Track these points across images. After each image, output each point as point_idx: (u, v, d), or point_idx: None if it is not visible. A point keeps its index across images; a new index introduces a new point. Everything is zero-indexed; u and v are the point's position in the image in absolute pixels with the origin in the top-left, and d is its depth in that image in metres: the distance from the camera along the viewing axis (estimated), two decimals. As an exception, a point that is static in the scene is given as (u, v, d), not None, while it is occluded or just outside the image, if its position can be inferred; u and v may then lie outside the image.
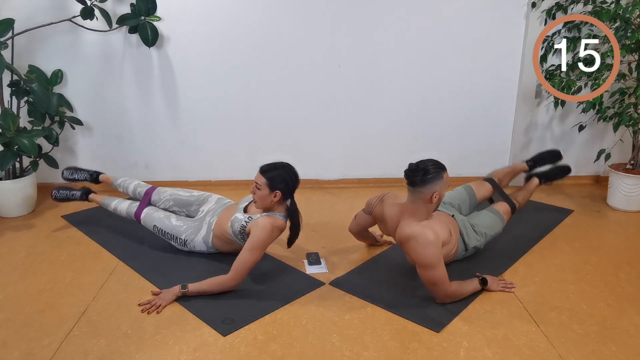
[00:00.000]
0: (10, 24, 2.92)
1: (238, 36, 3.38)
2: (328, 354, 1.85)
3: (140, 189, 2.84)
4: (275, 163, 2.31)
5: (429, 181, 2.08)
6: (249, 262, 2.17)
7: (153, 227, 2.60)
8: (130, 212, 2.71)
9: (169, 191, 2.75)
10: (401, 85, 3.55)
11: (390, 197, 2.37)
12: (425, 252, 2.03)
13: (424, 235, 2.04)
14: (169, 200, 2.72)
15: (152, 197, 2.75)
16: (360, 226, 2.60)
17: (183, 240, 2.53)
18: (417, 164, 2.12)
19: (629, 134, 3.35)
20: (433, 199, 2.10)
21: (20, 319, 2.06)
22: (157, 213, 2.63)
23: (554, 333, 1.96)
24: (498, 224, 2.55)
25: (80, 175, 3.11)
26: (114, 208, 2.82)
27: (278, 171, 2.26)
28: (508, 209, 2.61)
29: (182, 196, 2.71)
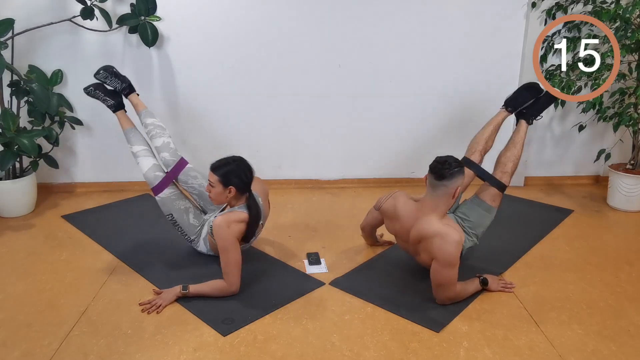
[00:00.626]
0: (10, 24, 2.92)
1: (238, 36, 3.38)
2: (328, 354, 1.85)
3: (167, 154, 2.54)
4: (227, 158, 2.26)
5: (456, 174, 2.08)
6: (230, 263, 2.14)
7: (168, 214, 2.46)
8: (149, 178, 2.46)
9: (199, 180, 2.56)
10: (401, 85, 3.55)
11: (402, 195, 2.35)
12: (451, 250, 2.01)
13: (450, 234, 2.03)
14: (194, 188, 2.56)
15: (180, 176, 2.54)
16: (370, 225, 2.59)
17: (191, 239, 2.52)
18: (443, 158, 2.11)
19: (629, 134, 3.35)
20: (456, 193, 2.11)
21: (20, 319, 2.06)
22: (179, 202, 2.46)
23: (554, 333, 1.96)
24: (486, 217, 2.41)
25: (114, 82, 2.73)
26: (135, 152, 2.55)
27: (230, 167, 2.22)
28: (496, 193, 2.40)
29: None
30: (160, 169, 2.52)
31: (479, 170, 2.51)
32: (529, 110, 2.66)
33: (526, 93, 2.66)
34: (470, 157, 2.54)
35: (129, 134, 2.64)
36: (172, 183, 2.51)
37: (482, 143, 2.58)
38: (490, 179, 2.46)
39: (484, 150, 2.58)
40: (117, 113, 2.73)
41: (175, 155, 2.57)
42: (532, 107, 2.66)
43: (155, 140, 2.61)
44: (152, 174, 2.48)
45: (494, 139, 2.64)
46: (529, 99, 2.65)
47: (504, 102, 2.70)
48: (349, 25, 3.40)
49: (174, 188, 2.50)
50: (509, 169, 2.49)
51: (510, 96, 2.69)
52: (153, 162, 2.52)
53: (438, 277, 2.07)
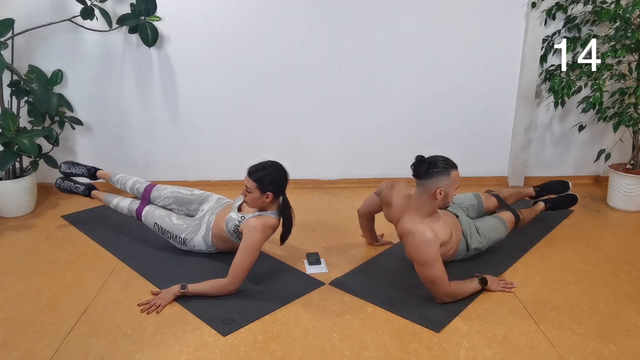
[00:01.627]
0: (10, 24, 2.92)
1: (238, 36, 3.38)
2: (328, 354, 1.85)
3: (139, 185, 2.80)
4: (263, 163, 2.28)
5: (433, 175, 2.09)
6: (245, 264, 2.16)
7: (154, 225, 2.60)
8: (131, 210, 2.71)
9: (169, 189, 2.72)
10: (401, 85, 3.55)
11: (401, 186, 2.38)
12: (422, 249, 2.04)
13: (421, 233, 2.04)
14: (169, 197, 2.69)
15: (152, 194, 2.72)
16: (368, 208, 2.60)
17: (182, 239, 2.53)
18: (425, 157, 2.13)
19: (629, 134, 3.35)
20: (437, 194, 2.10)
21: (20, 319, 2.06)
22: (158, 211, 2.62)
23: (554, 333, 1.96)
24: (501, 229, 2.56)
25: (78, 169, 3.07)
26: (115, 205, 2.81)
27: (266, 171, 2.23)
28: (512, 218, 2.62)
29: (182, 194, 2.69)
30: (135, 202, 2.74)
31: (501, 201, 2.77)
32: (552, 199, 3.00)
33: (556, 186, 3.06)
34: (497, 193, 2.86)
35: (107, 198, 2.89)
36: (148, 203, 2.71)
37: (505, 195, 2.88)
38: (510, 209, 2.70)
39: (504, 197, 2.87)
40: (92, 194, 2.98)
41: (144, 182, 2.82)
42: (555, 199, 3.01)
43: (127, 184, 2.87)
44: (132, 207, 2.72)
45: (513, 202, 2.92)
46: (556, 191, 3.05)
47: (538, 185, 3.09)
48: (349, 26, 3.40)
49: (151, 205, 2.70)
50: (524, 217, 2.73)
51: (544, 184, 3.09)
52: (130, 200, 2.78)
53: (421, 275, 2.10)
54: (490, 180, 3.77)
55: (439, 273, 2.05)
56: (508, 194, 2.89)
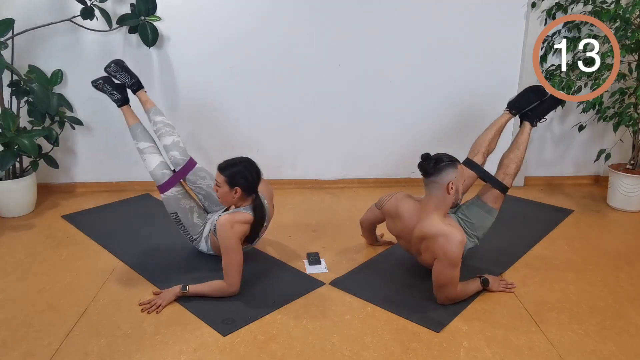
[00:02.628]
0: (10, 24, 2.92)
1: (238, 36, 3.38)
2: (328, 354, 1.85)
3: (176, 153, 2.51)
4: (235, 159, 2.26)
5: (442, 169, 2.09)
6: (232, 264, 2.14)
7: (172, 213, 2.44)
8: (156, 176, 2.44)
9: (207, 180, 2.54)
10: (401, 85, 3.55)
11: (404, 195, 2.35)
12: (454, 250, 2.01)
13: (454, 234, 2.03)
14: (202, 189, 2.54)
15: (189, 176, 2.52)
16: (369, 221, 2.60)
17: (193, 238, 2.52)
18: (429, 154, 2.12)
19: (629, 134, 3.35)
20: (449, 189, 2.10)
21: (20, 319, 2.06)
22: (184, 201, 2.45)
23: (554, 333, 1.96)
24: (487, 219, 2.40)
25: (123, 77, 2.72)
26: (140, 148, 2.53)
27: (237, 167, 2.21)
28: (497, 194, 2.39)
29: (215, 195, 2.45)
30: (167, 167, 2.50)
31: (481, 171, 2.50)
32: (533, 112, 2.61)
33: (531, 95, 2.62)
34: (473, 158, 2.54)
35: (135, 130, 2.60)
36: (179, 182, 2.49)
37: (485, 145, 2.56)
38: (492, 180, 2.43)
39: (487, 152, 2.58)
40: (123, 108, 2.70)
41: (185, 154, 2.54)
42: (536, 109, 2.61)
43: (164, 138, 2.57)
44: (159, 172, 2.46)
45: (497, 141, 2.62)
46: (533, 101, 2.61)
47: (507, 104, 2.67)
48: (350, 26, 3.40)
49: (180, 187, 2.49)
50: (512, 170, 2.47)
51: (514, 98, 2.66)
52: (160, 160, 2.51)
53: (440, 277, 2.07)
54: (490, 180, 3.77)
55: (457, 276, 2.06)
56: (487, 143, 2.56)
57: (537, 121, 2.61)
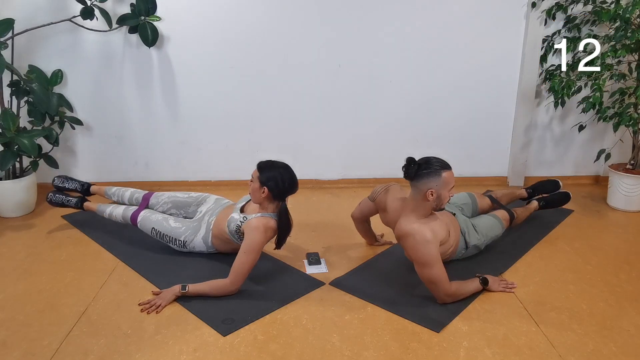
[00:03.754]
0: (10, 24, 2.92)
1: (238, 36, 3.38)
2: (328, 354, 1.85)
3: (138, 194, 2.86)
4: (275, 162, 2.31)
5: (423, 176, 2.09)
6: (247, 264, 2.16)
7: (151, 230, 2.59)
8: (126, 216, 2.69)
9: (166, 194, 2.76)
10: (401, 85, 3.55)
11: (395, 189, 2.38)
12: (422, 250, 2.04)
13: (421, 234, 2.04)
14: (167, 203, 2.72)
15: (150, 201, 2.76)
16: (362, 213, 2.60)
17: (182, 241, 2.53)
18: (416, 158, 2.13)
19: (629, 134, 3.35)
20: (428, 195, 2.09)
21: (20, 319, 2.06)
22: (155, 215, 2.62)
23: (554, 333, 1.96)
24: (498, 227, 2.58)
25: (71, 184, 3.06)
26: (109, 214, 2.78)
27: (273, 170, 2.26)
28: (507, 217, 2.67)
29: (179, 198, 2.72)
30: (130, 208, 2.73)
31: (495, 201, 2.81)
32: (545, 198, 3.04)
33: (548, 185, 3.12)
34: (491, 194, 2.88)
35: (100, 208, 2.86)
36: (145, 209, 2.70)
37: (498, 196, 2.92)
38: (504, 207, 2.74)
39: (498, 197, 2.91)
40: (85, 205, 2.92)
41: (142, 192, 2.86)
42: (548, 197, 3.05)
43: (124, 195, 2.91)
44: (127, 212, 2.70)
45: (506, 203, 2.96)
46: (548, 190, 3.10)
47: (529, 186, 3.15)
48: (349, 26, 3.40)
49: (147, 210, 2.68)
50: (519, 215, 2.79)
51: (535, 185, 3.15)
52: (124, 207, 2.77)
53: (422, 275, 2.09)
54: (490, 180, 3.77)
55: (439, 273, 2.05)
56: (501, 195, 2.94)
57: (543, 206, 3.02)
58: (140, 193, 2.85)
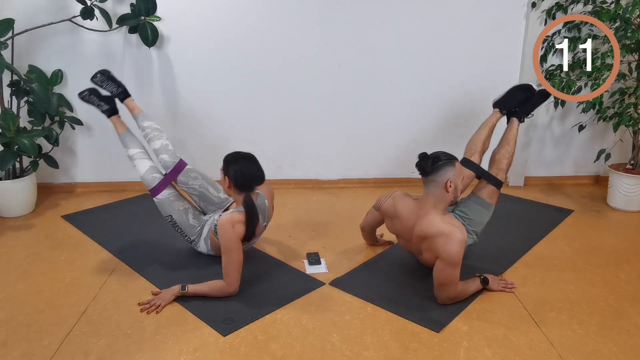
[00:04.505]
0: (10, 24, 2.92)
1: (238, 36, 3.38)
2: (328, 354, 1.85)
3: (166, 156, 2.52)
4: (239, 152, 2.28)
5: (440, 167, 2.09)
6: (232, 263, 2.14)
7: (167, 215, 2.46)
8: (147, 180, 2.46)
9: (199, 180, 2.53)
10: (401, 85, 3.55)
11: (401, 194, 2.36)
12: (455, 249, 2.01)
13: (455, 233, 2.03)
14: (195, 189, 2.53)
15: (180, 177, 2.50)
16: (370, 225, 2.60)
17: (191, 239, 2.52)
18: (426, 153, 2.13)
19: (629, 134, 3.35)
20: (448, 187, 2.10)
21: (20, 319, 2.06)
22: (178, 203, 2.45)
23: (554, 333, 1.96)
24: (485, 214, 2.41)
25: (110, 86, 2.74)
26: (131, 155, 2.54)
27: (236, 161, 2.24)
28: (492, 190, 2.44)
29: (210, 194, 2.54)
30: (157, 171, 2.51)
31: (477, 169, 2.53)
32: (521, 109, 2.70)
33: (519, 94, 2.69)
34: (470, 157, 2.56)
35: (125, 138, 2.63)
36: (171, 185, 2.49)
37: (480, 144, 2.61)
38: (487, 176, 2.49)
39: (482, 151, 2.62)
40: (112, 118, 2.73)
41: (174, 156, 2.55)
42: (524, 105, 2.70)
43: (153, 142, 2.58)
44: (149, 176, 2.47)
45: (490, 140, 2.68)
46: (521, 99, 2.69)
47: (493, 103, 2.74)
48: (349, 26, 3.40)
49: (173, 189, 2.49)
50: (504, 165, 2.53)
51: (501, 98, 2.72)
52: (150, 164, 2.52)
53: (441, 276, 2.07)
54: (490, 180, 3.77)
55: (457, 275, 2.05)
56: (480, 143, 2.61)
57: (524, 117, 2.70)
58: (170, 158, 2.51)
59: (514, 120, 2.68)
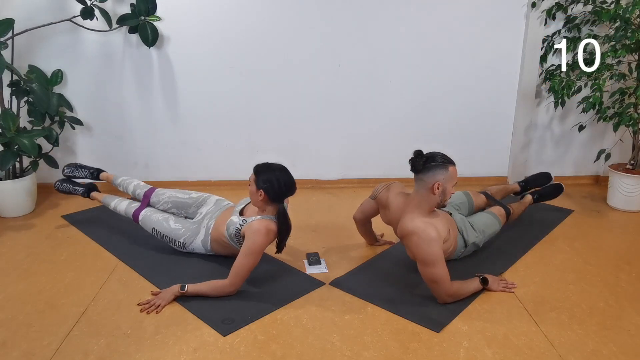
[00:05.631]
0: (10, 24, 2.92)
1: (238, 36, 3.38)
2: (328, 354, 1.85)
3: (140, 190, 2.81)
4: (272, 164, 2.29)
5: (431, 168, 2.10)
6: (246, 266, 2.16)
7: (152, 230, 2.60)
8: (128, 213, 2.71)
9: (167, 193, 2.73)
10: (401, 85, 3.55)
11: (397, 186, 2.38)
12: (427, 249, 2.03)
13: (426, 232, 2.04)
14: (167, 202, 2.71)
15: (151, 199, 2.73)
16: (364, 213, 2.59)
17: (182, 243, 2.53)
18: (422, 151, 2.14)
19: (629, 134, 3.35)
20: (435, 189, 2.10)
21: (20, 319, 2.06)
22: (156, 215, 2.62)
23: (554, 333, 1.96)
24: (495, 224, 2.57)
25: (81, 173, 3.07)
26: (113, 207, 2.81)
27: (268, 172, 2.23)
28: (503, 212, 2.65)
29: (180, 198, 2.70)
30: (133, 205, 2.74)
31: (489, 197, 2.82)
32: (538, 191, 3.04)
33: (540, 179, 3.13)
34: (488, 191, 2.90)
35: (106, 200, 2.89)
36: (147, 206, 2.71)
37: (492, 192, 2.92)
38: (499, 203, 2.74)
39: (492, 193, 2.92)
40: (92, 194, 2.98)
41: (145, 187, 2.83)
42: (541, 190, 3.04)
43: (128, 187, 2.88)
44: (129, 209, 2.72)
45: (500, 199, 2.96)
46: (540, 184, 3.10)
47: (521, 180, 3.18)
48: (349, 26, 3.40)
49: (149, 208, 2.70)
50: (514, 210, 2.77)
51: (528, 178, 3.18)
52: (128, 202, 2.79)
53: (425, 275, 2.09)
54: (490, 180, 3.77)
55: (442, 272, 2.05)
56: (494, 191, 2.93)
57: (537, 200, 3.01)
58: (142, 189, 2.81)
59: (528, 196, 2.98)
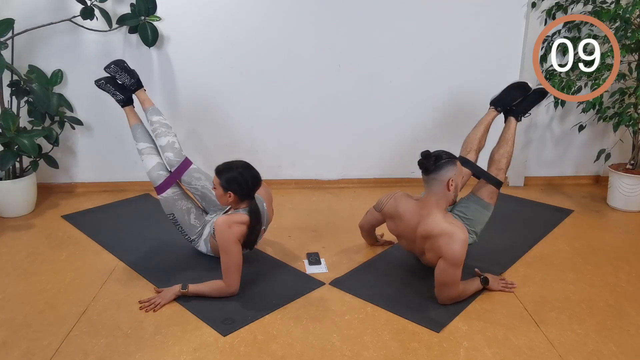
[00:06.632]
0: (10, 24, 2.92)
1: (238, 36, 3.38)
2: (328, 354, 1.85)
3: (172, 155, 2.51)
4: (232, 163, 2.22)
5: (442, 166, 2.10)
6: (229, 263, 2.14)
7: (169, 214, 2.47)
8: (152, 177, 2.47)
9: (202, 181, 2.52)
10: (401, 85, 3.55)
11: (402, 195, 2.36)
12: (458, 249, 2.01)
13: (457, 233, 2.03)
14: (198, 190, 2.52)
15: (184, 177, 2.50)
16: (369, 224, 2.60)
17: (192, 239, 2.52)
18: (429, 151, 2.13)
19: (629, 134, 3.35)
20: (449, 185, 2.11)
21: (20, 319, 2.06)
22: (181, 202, 2.46)
23: (554, 333, 1.96)
24: (484, 214, 2.42)
25: (123, 77, 2.72)
26: (139, 149, 2.56)
27: (232, 173, 2.18)
28: (492, 190, 2.44)
29: (212, 196, 2.51)
30: (164, 168, 2.52)
31: (475, 168, 2.54)
32: (518, 108, 2.70)
33: (515, 92, 2.70)
34: (466, 155, 2.58)
35: (136, 131, 2.63)
36: (176, 183, 2.51)
37: (476, 142, 2.63)
38: (486, 176, 2.49)
39: (478, 149, 2.63)
40: (126, 108, 2.72)
41: (179, 155, 2.54)
42: (520, 104, 2.70)
43: (160, 139, 2.58)
44: (155, 173, 2.49)
45: (486, 138, 2.69)
46: (517, 98, 2.69)
47: (490, 101, 2.74)
48: (349, 26, 3.40)
49: (177, 188, 2.50)
50: (503, 165, 2.55)
51: (498, 96, 2.73)
52: (157, 161, 2.53)
53: (443, 275, 2.07)
54: (490, 180, 3.77)
55: (459, 275, 2.06)
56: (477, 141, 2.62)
57: (521, 116, 2.70)
58: (176, 157, 2.51)
59: (512, 120, 2.68)
